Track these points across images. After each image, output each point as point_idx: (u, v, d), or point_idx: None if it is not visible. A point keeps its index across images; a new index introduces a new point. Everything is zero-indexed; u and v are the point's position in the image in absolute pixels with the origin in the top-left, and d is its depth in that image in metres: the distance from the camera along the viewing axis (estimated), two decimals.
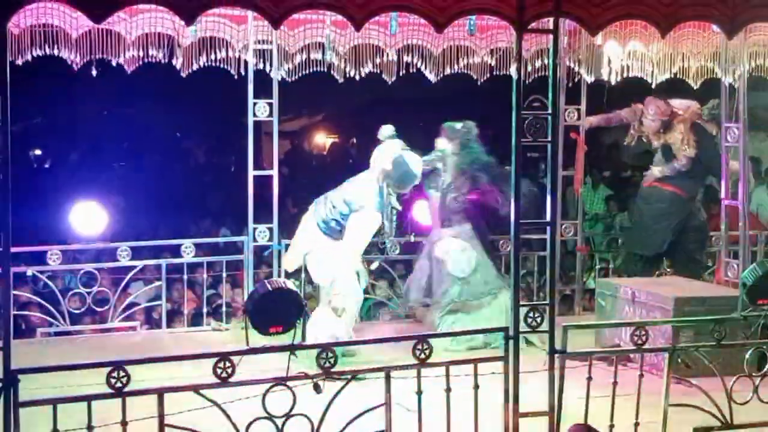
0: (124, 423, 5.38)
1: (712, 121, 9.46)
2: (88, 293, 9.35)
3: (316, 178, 19.83)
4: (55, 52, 8.37)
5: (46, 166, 18.98)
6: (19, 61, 8.11)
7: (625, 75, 9.35)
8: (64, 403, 5.44)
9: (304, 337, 5.76)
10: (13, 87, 5.37)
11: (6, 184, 5.33)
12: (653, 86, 9.37)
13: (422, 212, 9.61)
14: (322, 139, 22.64)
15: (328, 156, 22.03)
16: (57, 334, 9.32)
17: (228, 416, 5.58)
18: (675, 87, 9.52)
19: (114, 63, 8.63)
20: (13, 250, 5.58)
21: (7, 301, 5.59)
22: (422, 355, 5.89)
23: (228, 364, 5.53)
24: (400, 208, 8.56)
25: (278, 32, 8.96)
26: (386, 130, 8.64)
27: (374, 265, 10.20)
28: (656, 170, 9.85)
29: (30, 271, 9.45)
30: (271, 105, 9.54)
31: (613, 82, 9.26)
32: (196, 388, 5.68)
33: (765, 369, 6.76)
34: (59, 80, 13.24)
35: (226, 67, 9.14)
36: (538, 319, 6.23)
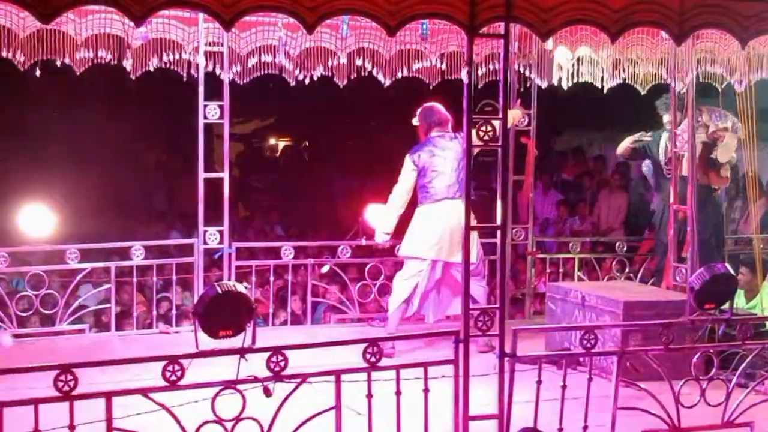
0: (72, 426, 5.33)
1: (668, 111, 9.56)
2: (36, 296, 9.26)
3: (267, 181, 19.83)
4: (2, 53, 8.27)
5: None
6: None
7: (575, 80, 9.40)
8: (10, 406, 5.38)
9: (254, 341, 5.71)
10: None
11: None
12: (603, 92, 9.43)
13: (373, 216, 9.60)
14: (274, 142, 22.60)
15: (281, 159, 22.01)
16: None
17: (177, 420, 5.55)
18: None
19: (59, 64, 8.51)
20: None
21: None
22: (372, 359, 5.89)
23: (177, 367, 5.50)
24: None
25: (229, 34, 8.93)
26: None
27: (325, 269, 10.21)
28: None
29: None
30: (221, 107, 9.50)
31: (564, 87, 9.31)
32: (144, 392, 5.64)
33: (712, 373, 6.82)
34: (6, 81, 13.11)
35: (176, 69, 9.09)
36: (488, 323, 6.25)
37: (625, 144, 10.21)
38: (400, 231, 9.24)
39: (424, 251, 8.96)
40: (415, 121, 9.31)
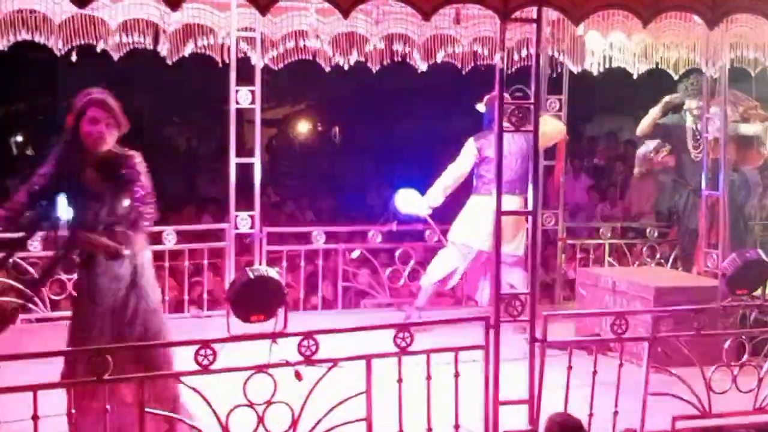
0: (103, 409, 5.38)
1: (694, 97, 9.48)
2: (69, 280, 9.32)
3: (298, 166, 19.87)
4: (38, 38, 8.33)
5: (28, 152, 18.93)
6: (2, 46, 8.08)
7: (607, 65, 9.36)
8: (43, 389, 5.43)
9: (285, 325, 5.75)
10: None
11: None
12: (635, 77, 9.39)
13: (404, 201, 9.60)
14: (305, 128, 22.62)
15: (311, 144, 22.03)
16: (37, 320, 9.30)
17: (209, 403, 5.58)
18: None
19: (98, 49, 8.59)
20: None
21: None
22: (403, 344, 5.91)
23: (209, 351, 5.53)
24: None
25: (263, 19, 8.96)
26: None
27: (355, 254, 10.22)
28: None
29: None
30: (253, 92, 9.53)
31: (595, 73, 9.27)
32: (176, 375, 5.69)
33: (743, 359, 6.81)
34: (42, 66, 13.20)
35: (209, 53, 9.12)
36: (519, 308, 6.26)
37: (651, 116, 10.09)
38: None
39: (473, 240, 9.10)
40: (481, 107, 9.36)
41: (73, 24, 8.35)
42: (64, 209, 6.16)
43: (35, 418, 5.26)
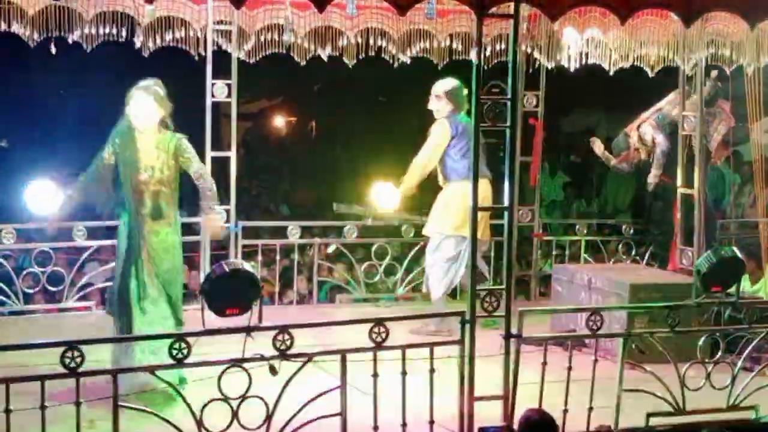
0: (77, 403, 5.34)
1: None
2: (43, 273, 9.27)
3: (274, 160, 19.82)
4: (12, 28, 8.26)
5: (2, 144, 18.79)
6: None
7: (583, 62, 9.37)
8: (17, 382, 5.39)
9: (260, 319, 5.72)
10: None
11: None
12: (611, 73, 9.40)
13: (383, 194, 9.57)
14: (281, 122, 22.55)
15: (287, 138, 21.97)
16: (11, 313, 9.24)
17: (183, 397, 5.56)
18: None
19: (70, 40, 8.52)
20: None
21: None
22: (378, 339, 5.90)
23: (184, 345, 5.50)
24: None
25: (239, 12, 8.92)
26: None
27: (331, 248, 10.20)
28: None
29: None
30: (229, 86, 9.49)
31: (572, 69, 9.29)
32: (151, 369, 5.66)
33: (717, 356, 6.83)
34: (13, 58, 13.10)
35: (185, 47, 9.08)
36: (495, 304, 6.26)
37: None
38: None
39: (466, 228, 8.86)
40: (434, 97, 9.13)
41: (46, 15, 8.28)
42: None
43: (7, 411, 5.23)
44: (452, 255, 8.95)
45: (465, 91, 8.87)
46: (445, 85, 9.05)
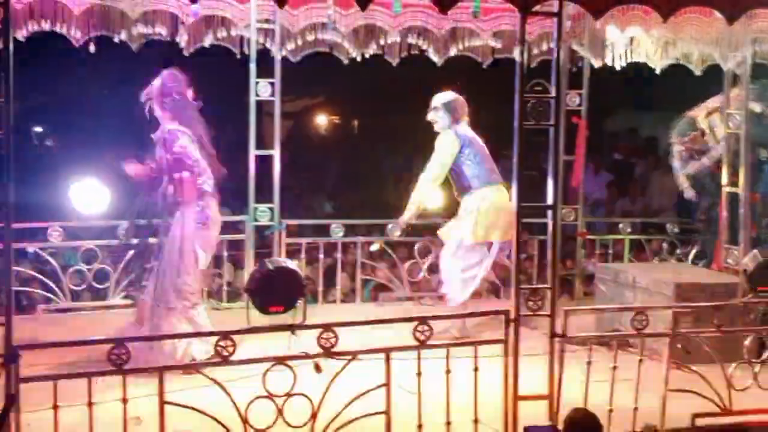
0: (124, 400, 5.39)
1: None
2: (89, 270, 9.35)
3: (317, 159, 19.86)
4: (57, 28, 8.35)
5: (48, 143, 18.97)
6: (20, 36, 8.08)
7: (627, 60, 9.33)
8: (64, 379, 5.46)
9: (304, 317, 5.75)
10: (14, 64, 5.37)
11: (8, 161, 5.33)
12: (657, 71, 9.35)
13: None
14: (324, 120, 22.60)
15: (330, 137, 22.01)
16: (57, 310, 9.33)
17: (229, 394, 5.59)
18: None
19: (117, 40, 8.61)
20: (15, 226, 5.57)
21: (9, 277, 5.59)
22: (422, 337, 5.90)
23: (229, 342, 5.53)
24: None
25: (281, 12, 8.97)
26: None
27: (374, 247, 10.21)
28: None
29: (31, 248, 9.43)
30: (273, 84, 9.53)
31: (617, 68, 9.24)
32: (197, 367, 5.69)
33: (764, 356, 6.78)
34: (60, 58, 13.20)
35: (228, 46, 9.14)
36: (539, 303, 6.24)
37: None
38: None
39: (493, 234, 8.79)
40: (434, 109, 8.99)
41: (92, 14, 8.37)
42: None
43: (55, 408, 5.28)
44: (475, 262, 8.83)
45: (464, 103, 8.84)
46: (443, 97, 8.90)
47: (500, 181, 8.79)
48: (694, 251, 10.42)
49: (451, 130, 8.85)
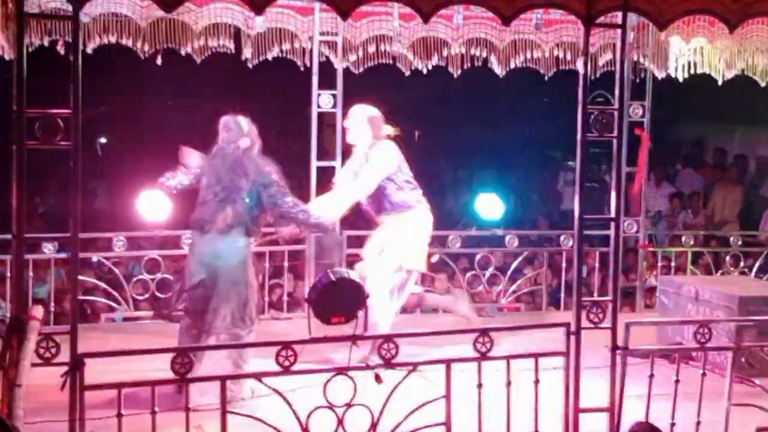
0: (187, 409, 5.44)
1: None
2: (152, 280, 9.45)
3: None
4: (123, 41, 8.48)
5: (111, 154, 19.21)
6: (89, 49, 8.22)
7: (690, 71, 9.27)
8: (128, 387, 5.51)
9: (366, 328, 5.76)
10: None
11: (76, 171, 5.41)
12: (719, 83, 9.28)
13: (486, 205, 9.58)
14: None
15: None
16: (123, 319, 9.44)
17: (290, 404, 5.61)
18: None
19: (183, 53, 8.72)
20: (80, 236, 5.65)
21: (75, 286, 5.67)
22: (483, 349, 5.89)
23: (290, 352, 5.56)
24: None
25: (344, 23, 9.03)
26: None
27: (434, 258, 10.21)
28: None
29: (96, 257, 9.55)
30: (335, 96, 9.58)
31: (680, 79, 9.18)
32: (258, 376, 5.73)
33: None
34: (124, 69, 13.39)
35: (291, 57, 9.21)
36: (600, 315, 6.21)
37: None
38: None
39: (422, 263, 8.49)
40: (357, 122, 8.60)
41: (157, 28, 8.48)
42: None
43: (119, 416, 5.34)
44: (399, 285, 8.32)
45: (382, 120, 8.59)
46: (367, 110, 8.55)
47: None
48: (758, 264, 10.31)
49: (390, 144, 8.54)
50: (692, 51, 9.17)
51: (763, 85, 9.14)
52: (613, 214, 6.45)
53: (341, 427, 5.66)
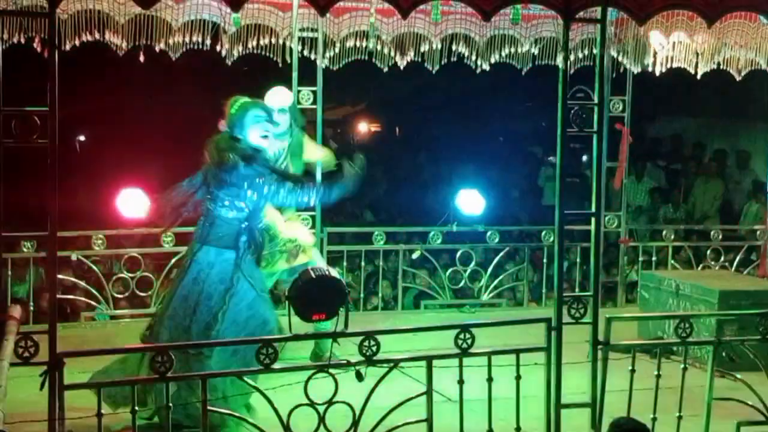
0: (167, 407, 5.41)
1: None
2: (132, 278, 9.40)
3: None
4: (102, 38, 8.43)
5: (90, 151, 19.15)
6: (67, 47, 8.16)
7: (669, 66, 9.29)
8: (108, 386, 5.49)
9: (346, 325, 5.74)
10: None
11: (54, 169, 5.37)
12: (698, 77, 9.30)
13: (468, 201, 9.58)
14: (365, 128, 22.65)
15: (371, 144, 22.04)
16: (101, 318, 9.39)
17: (270, 402, 5.59)
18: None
19: (157, 49, 8.67)
20: (59, 234, 5.61)
21: (53, 284, 5.63)
22: (464, 345, 5.88)
23: (271, 350, 5.54)
24: None
25: (323, 19, 8.99)
26: None
27: (416, 254, 10.21)
28: None
29: (74, 255, 9.49)
30: (315, 93, 9.54)
31: (657, 73, 9.19)
32: (239, 374, 5.70)
33: None
34: (102, 67, 13.34)
35: (270, 54, 9.16)
36: (582, 311, 6.21)
37: None
38: None
39: None
40: (286, 113, 7.98)
41: (135, 24, 8.43)
42: None
43: (99, 415, 5.31)
44: None
45: None
46: (287, 96, 8.09)
47: None
48: (738, 258, 10.34)
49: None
50: (671, 45, 9.17)
51: (738, 78, 9.14)
52: (593, 210, 6.45)
53: (323, 425, 5.64)
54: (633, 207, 13.86)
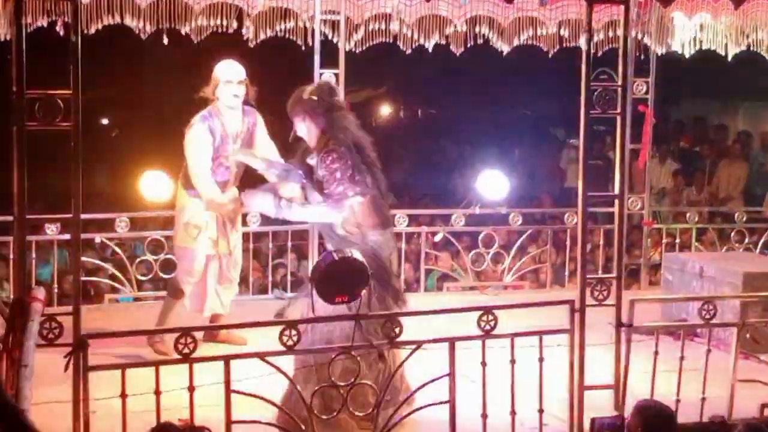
0: (191, 388, 5.43)
1: None
2: (155, 260, 9.42)
3: (379, 149, 19.88)
4: (124, 21, 8.44)
5: (113, 135, 19.19)
6: (91, 30, 8.18)
7: (695, 48, 9.23)
8: (132, 367, 5.51)
9: (369, 307, 5.75)
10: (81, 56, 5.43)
11: (77, 152, 5.40)
12: (729, 59, 9.23)
13: (490, 183, 9.57)
14: (387, 111, 22.60)
15: (393, 128, 22.02)
16: (124, 300, 9.43)
17: (294, 384, 5.61)
18: None
19: (183, 32, 8.68)
20: (83, 216, 5.63)
21: (77, 266, 5.66)
22: (487, 327, 5.88)
23: (294, 332, 5.55)
24: None
25: (346, 2, 8.97)
26: None
27: (438, 237, 10.20)
28: None
29: (98, 238, 9.53)
30: (337, 75, 9.53)
31: (686, 55, 9.13)
32: (262, 356, 5.72)
33: None
34: (125, 50, 13.35)
35: (292, 37, 9.15)
36: (605, 293, 6.20)
37: None
38: None
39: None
40: (243, 84, 8.18)
41: (157, 7, 8.44)
42: None
43: (123, 396, 5.34)
44: None
45: None
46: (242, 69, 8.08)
47: None
48: (763, 240, 10.29)
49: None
50: (698, 27, 9.11)
51: None
52: (617, 192, 6.43)
53: (345, 406, 5.65)
54: (656, 189, 13.80)
